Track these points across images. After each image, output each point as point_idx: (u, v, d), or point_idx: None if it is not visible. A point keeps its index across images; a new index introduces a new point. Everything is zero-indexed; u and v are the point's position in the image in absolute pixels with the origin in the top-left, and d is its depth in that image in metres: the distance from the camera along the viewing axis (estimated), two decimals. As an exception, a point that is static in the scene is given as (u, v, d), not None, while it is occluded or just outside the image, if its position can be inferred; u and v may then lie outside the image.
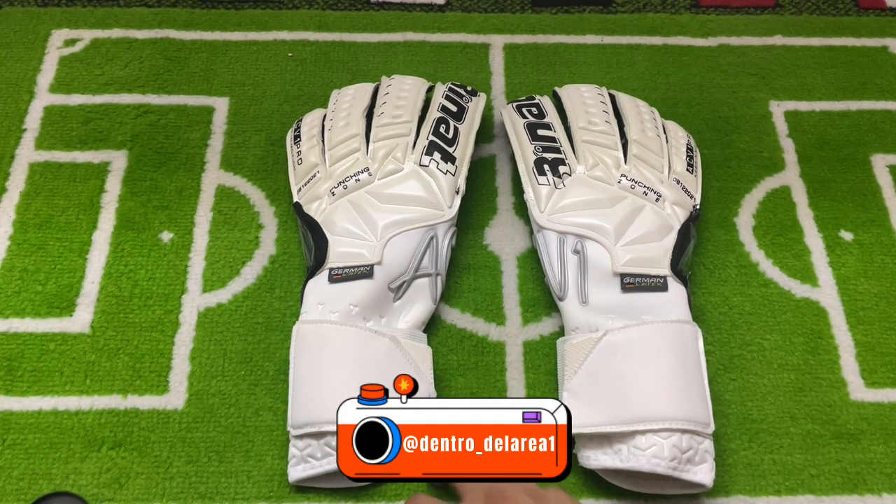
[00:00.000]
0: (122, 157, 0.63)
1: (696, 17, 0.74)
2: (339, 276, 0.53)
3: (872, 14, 0.75)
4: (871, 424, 0.54)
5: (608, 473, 0.50)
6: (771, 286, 0.59)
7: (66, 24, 0.71)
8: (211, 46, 0.70)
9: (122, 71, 0.68)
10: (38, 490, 0.50)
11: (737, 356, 0.56)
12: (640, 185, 0.56)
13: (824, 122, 0.68)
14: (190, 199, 0.61)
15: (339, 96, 0.62)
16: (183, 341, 0.55)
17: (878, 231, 0.62)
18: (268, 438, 0.52)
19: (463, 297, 0.58)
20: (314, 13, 0.73)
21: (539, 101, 0.62)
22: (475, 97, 0.62)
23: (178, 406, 0.53)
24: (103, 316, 0.56)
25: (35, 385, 0.53)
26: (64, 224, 0.60)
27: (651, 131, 0.59)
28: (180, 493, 0.50)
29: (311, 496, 0.50)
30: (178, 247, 0.59)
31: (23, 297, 0.57)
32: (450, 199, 0.56)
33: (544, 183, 0.56)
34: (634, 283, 0.53)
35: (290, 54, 0.70)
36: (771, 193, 0.64)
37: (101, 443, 0.51)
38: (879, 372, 0.56)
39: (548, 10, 0.74)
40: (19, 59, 0.68)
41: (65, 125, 0.65)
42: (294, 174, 0.59)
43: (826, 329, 0.57)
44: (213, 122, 0.65)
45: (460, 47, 0.71)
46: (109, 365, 0.54)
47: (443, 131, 0.58)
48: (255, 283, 0.58)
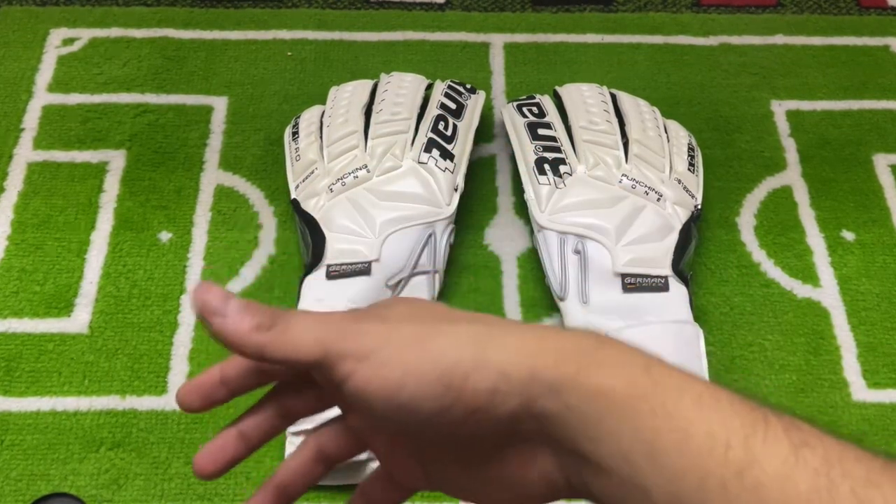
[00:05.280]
0: (120, 157, 0.63)
1: (697, 16, 0.74)
2: (336, 272, 0.53)
3: (874, 13, 0.75)
4: (872, 425, 0.54)
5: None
6: (772, 286, 0.59)
7: (65, 23, 0.70)
8: (210, 45, 0.70)
9: (120, 70, 0.68)
10: (36, 491, 0.49)
11: (738, 356, 0.56)
12: (641, 185, 0.55)
13: (826, 121, 0.67)
14: (188, 199, 0.61)
15: (338, 93, 0.61)
16: (182, 342, 0.55)
17: (880, 231, 0.62)
18: (267, 439, 0.52)
19: (463, 297, 0.57)
20: (313, 12, 0.72)
21: (539, 100, 0.62)
22: (474, 95, 0.62)
23: (176, 407, 0.53)
24: (102, 316, 0.56)
25: (33, 385, 0.53)
26: (62, 224, 0.60)
27: (652, 131, 0.59)
28: (179, 494, 0.50)
29: (311, 496, 0.50)
30: (177, 247, 0.59)
31: (21, 297, 0.56)
32: (448, 196, 0.56)
33: (545, 182, 0.56)
34: (635, 284, 0.52)
35: (289, 53, 0.70)
36: (772, 193, 0.63)
37: (99, 443, 0.51)
38: (881, 372, 0.56)
39: (548, 9, 0.74)
40: (18, 58, 0.68)
41: (63, 125, 0.64)
42: (292, 170, 0.59)
43: (828, 329, 0.57)
44: (211, 122, 0.65)
45: (460, 46, 0.71)
46: (108, 365, 0.54)
47: (442, 129, 0.57)
48: (254, 283, 0.58)
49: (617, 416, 0.25)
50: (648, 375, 0.26)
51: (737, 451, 0.23)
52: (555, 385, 0.26)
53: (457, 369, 0.26)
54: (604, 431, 0.25)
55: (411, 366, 0.26)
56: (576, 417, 0.26)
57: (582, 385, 0.26)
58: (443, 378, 0.25)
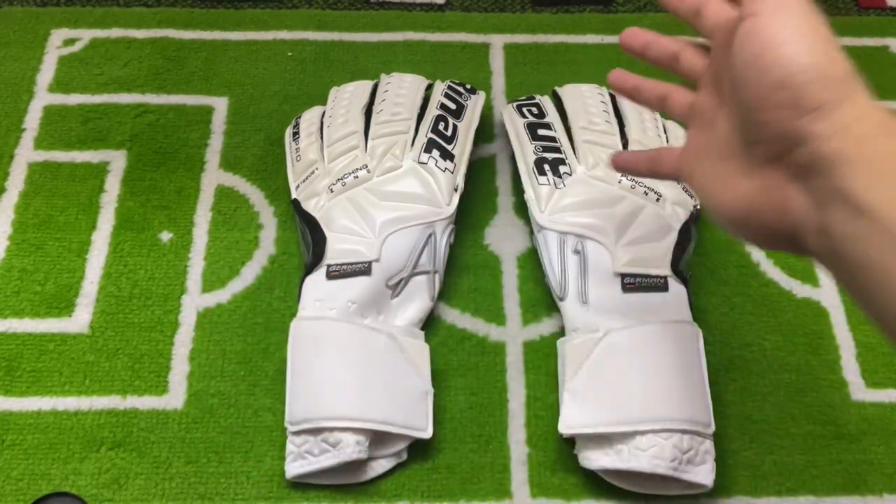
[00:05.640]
0: (121, 157, 0.63)
1: (696, 16, 0.74)
2: (336, 272, 0.53)
3: (873, 14, 0.75)
4: (871, 425, 0.54)
5: (608, 474, 0.50)
6: (772, 286, 0.59)
7: (66, 23, 0.70)
8: (210, 46, 0.70)
9: (121, 70, 0.68)
10: (37, 490, 0.50)
11: (737, 356, 0.56)
12: (640, 185, 0.56)
13: (825, 121, 0.67)
14: (189, 199, 0.61)
15: (339, 93, 0.61)
16: (182, 342, 0.55)
17: (879, 231, 0.62)
18: (267, 439, 0.52)
19: (463, 298, 0.58)
20: (314, 13, 0.73)
21: (539, 100, 0.62)
22: (474, 95, 0.62)
23: (177, 406, 0.53)
24: (102, 316, 0.56)
25: (34, 385, 0.53)
26: (63, 224, 0.60)
27: (651, 131, 0.59)
28: (179, 494, 0.50)
29: (311, 496, 0.50)
30: (178, 247, 0.59)
31: (22, 297, 0.57)
32: (448, 196, 0.56)
33: (545, 183, 0.56)
34: (635, 284, 0.53)
35: (289, 54, 0.70)
36: (771, 193, 0.63)
37: (100, 443, 0.51)
38: (880, 372, 0.56)
39: (548, 10, 0.74)
40: (18, 58, 0.68)
41: (64, 125, 0.65)
42: (292, 171, 0.59)
43: (827, 329, 0.57)
44: (212, 122, 0.65)
45: (460, 47, 0.71)
46: (109, 365, 0.54)
47: (442, 129, 0.58)
48: (255, 284, 0.58)
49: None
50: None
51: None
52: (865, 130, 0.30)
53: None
54: (884, 176, 0.29)
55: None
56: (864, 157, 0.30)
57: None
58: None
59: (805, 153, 0.31)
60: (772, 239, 0.35)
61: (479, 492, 0.51)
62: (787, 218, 0.33)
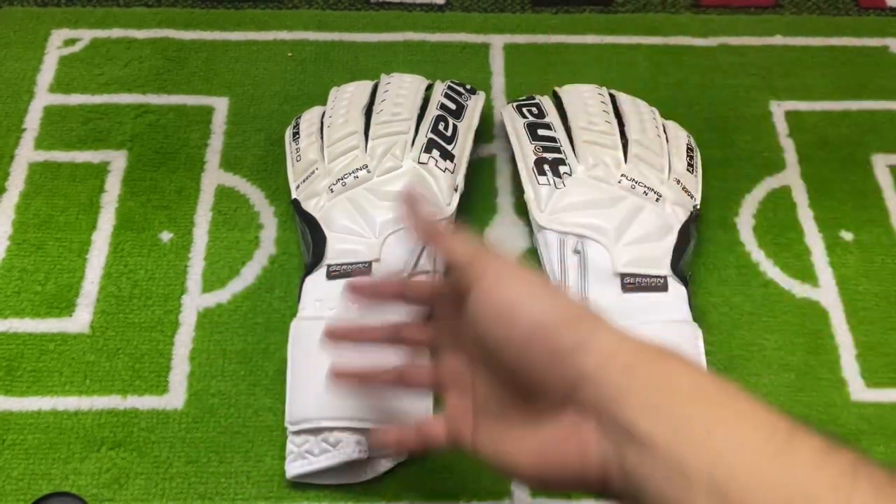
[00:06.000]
0: (121, 157, 0.63)
1: (696, 16, 0.74)
2: (337, 272, 0.53)
3: (873, 14, 0.75)
4: (871, 424, 0.54)
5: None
6: (771, 286, 0.59)
7: (66, 23, 0.70)
8: (211, 46, 0.70)
9: (121, 71, 0.68)
10: (37, 490, 0.50)
11: (737, 356, 0.56)
12: (640, 185, 0.56)
13: (825, 121, 0.68)
14: (189, 199, 0.61)
15: (339, 93, 0.62)
16: (182, 341, 0.55)
17: (879, 231, 0.62)
18: (267, 439, 0.52)
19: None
20: (314, 13, 0.73)
21: (539, 100, 0.62)
22: (474, 95, 0.62)
23: (177, 406, 0.53)
24: (103, 316, 0.56)
25: (34, 385, 0.53)
26: (63, 224, 0.60)
27: (651, 131, 0.59)
28: (180, 494, 0.50)
29: (311, 496, 0.50)
30: (178, 247, 0.59)
31: (22, 297, 0.57)
32: (448, 196, 0.56)
33: (544, 183, 0.56)
34: (635, 284, 0.53)
35: (289, 54, 0.70)
36: (771, 193, 0.63)
37: (100, 443, 0.51)
38: (880, 372, 0.56)
39: (548, 10, 0.74)
40: (19, 58, 0.68)
41: (64, 125, 0.65)
42: (293, 170, 0.59)
43: (826, 329, 0.57)
44: (212, 122, 0.65)
45: (460, 47, 0.71)
46: (109, 365, 0.54)
47: (442, 129, 0.58)
48: (255, 284, 0.58)
49: (679, 399, 0.29)
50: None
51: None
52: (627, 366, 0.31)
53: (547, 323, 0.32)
54: (661, 408, 0.29)
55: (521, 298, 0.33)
56: (636, 389, 0.30)
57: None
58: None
59: (586, 391, 0.31)
60: (583, 486, 0.32)
61: (479, 492, 0.51)
62: (589, 461, 0.31)
